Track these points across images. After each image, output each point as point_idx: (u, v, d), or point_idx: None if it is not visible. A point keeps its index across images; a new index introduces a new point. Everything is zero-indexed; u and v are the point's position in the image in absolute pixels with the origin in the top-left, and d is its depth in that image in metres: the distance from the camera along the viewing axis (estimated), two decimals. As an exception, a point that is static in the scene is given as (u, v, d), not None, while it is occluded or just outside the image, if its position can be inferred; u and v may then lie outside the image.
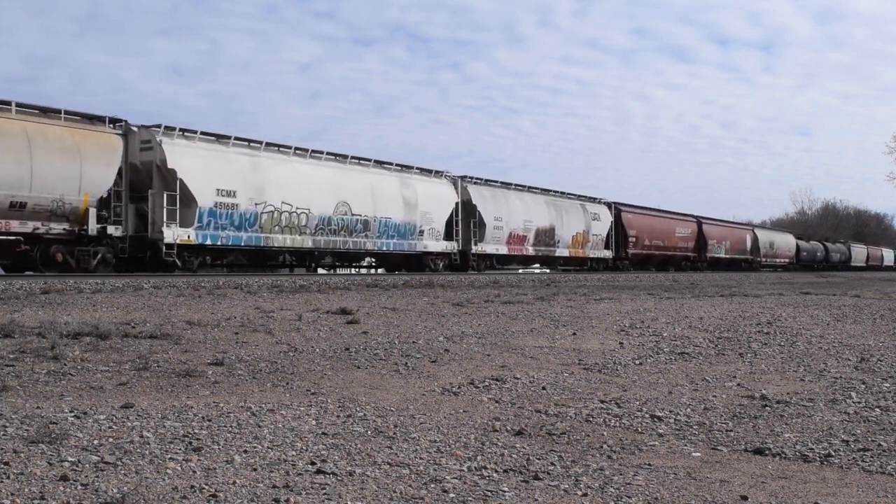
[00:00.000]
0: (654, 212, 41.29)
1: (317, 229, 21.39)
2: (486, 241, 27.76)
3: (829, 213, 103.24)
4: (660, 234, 39.87)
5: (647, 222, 39.04)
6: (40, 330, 6.58)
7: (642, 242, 38.08)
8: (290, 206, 20.62)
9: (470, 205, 27.26)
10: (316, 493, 2.87)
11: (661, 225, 40.52)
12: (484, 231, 27.64)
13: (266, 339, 7.05)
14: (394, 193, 24.06)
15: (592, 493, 3.06)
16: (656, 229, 39.63)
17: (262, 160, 20.28)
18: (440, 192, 26.19)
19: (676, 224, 42.38)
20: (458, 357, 6.51)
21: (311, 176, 21.41)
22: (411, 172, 25.41)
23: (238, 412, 4.14)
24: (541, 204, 31.35)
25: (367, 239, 23.01)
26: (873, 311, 13.07)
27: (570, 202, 33.70)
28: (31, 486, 2.78)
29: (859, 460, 3.68)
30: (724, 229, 49.23)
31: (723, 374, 6.11)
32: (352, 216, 22.38)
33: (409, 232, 24.52)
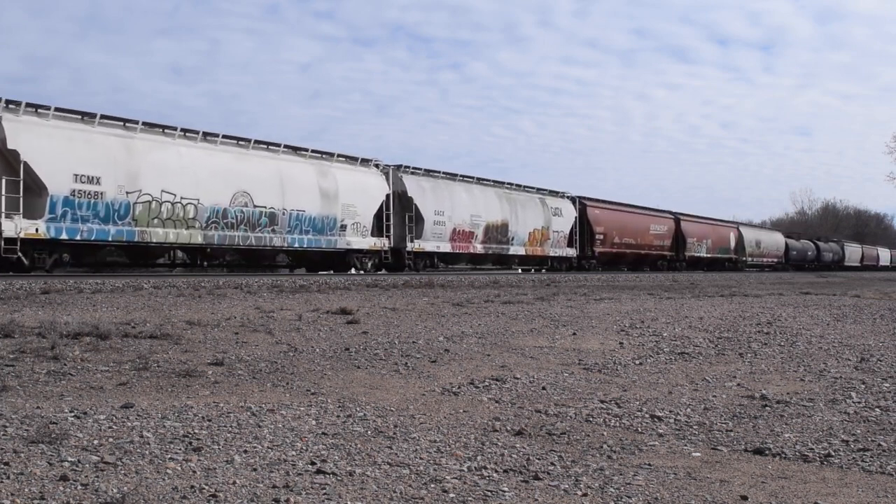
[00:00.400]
0: (626, 207, 38.18)
1: (209, 223, 18.45)
2: (424, 238, 24.73)
3: (829, 213, 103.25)
4: (631, 231, 37.12)
5: (616, 218, 36.23)
6: (40, 330, 6.58)
7: (611, 240, 35.43)
8: (173, 196, 17.72)
9: (405, 197, 24.26)
10: (316, 493, 2.87)
11: (632, 221, 37.63)
12: (422, 226, 24.59)
13: (266, 339, 7.05)
14: (308, 183, 21.11)
15: (592, 493, 3.06)
16: (627, 226, 36.86)
17: (138, 143, 17.39)
18: (367, 183, 23.17)
19: (651, 221, 39.44)
20: (458, 357, 6.51)
21: (202, 162, 18.52)
22: (332, 160, 22.49)
23: (238, 412, 4.14)
24: (491, 197, 28.51)
25: (275, 234, 20.03)
26: (873, 311, 13.07)
27: (526, 196, 30.75)
28: (31, 486, 2.78)
29: (859, 460, 3.68)
30: (705, 226, 46.05)
31: (723, 374, 6.11)
32: (254, 208, 19.42)
33: (329, 227, 21.56)
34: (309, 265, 23.43)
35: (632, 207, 38.65)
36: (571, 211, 33.07)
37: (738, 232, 49.96)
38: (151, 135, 17.84)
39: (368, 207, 23.12)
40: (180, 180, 17.94)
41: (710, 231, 45.93)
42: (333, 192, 21.79)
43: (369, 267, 23.43)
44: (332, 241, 21.82)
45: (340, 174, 22.32)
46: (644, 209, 39.95)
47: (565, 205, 32.92)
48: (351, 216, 22.34)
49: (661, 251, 39.97)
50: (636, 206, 39.36)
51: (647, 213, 39.86)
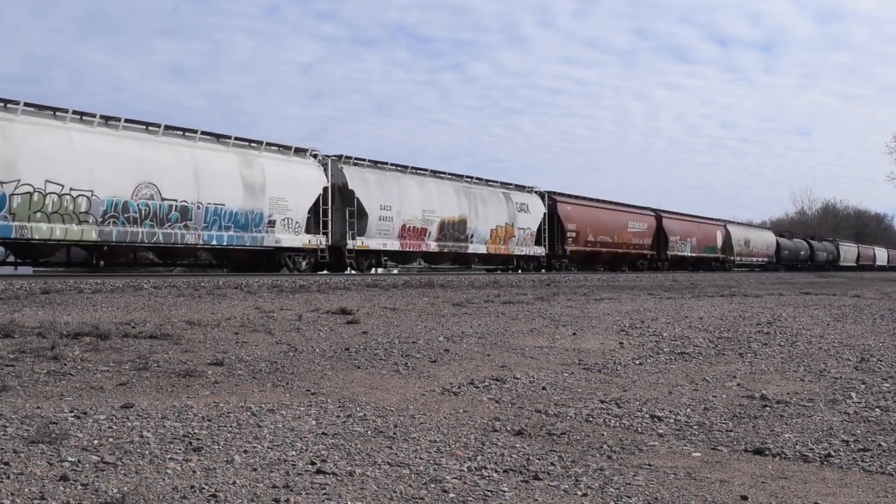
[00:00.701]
0: (601, 203, 35.75)
1: (106, 217, 16.39)
2: (368, 235, 22.65)
3: (829, 213, 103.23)
4: (607, 228, 34.87)
5: (590, 215, 33.88)
6: (40, 330, 6.58)
7: (584, 238, 33.20)
8: (60, 187, 15.68)
9: (346, 191, 22.21)
10: (316, 493, 2.87)
11: (608, 218, 35.22)
12: (366, 223, 22.50)
13: (266, 339, 7.05)
14: (229, 174, 18.98)
15: (592, 493, 3.06)
16: (603, 223, 34.56)
17: (18, 126, 15.39)
18: (300, 175, 21.03)
19: (629, 217, 37.05)
20: (458, 357, 6.51)
21: (99, 149, 16.53)
22: (260, 149, 20.30)
23: (238, 412, 4.14)
24: (448, 192, 26.09)
25: (188, 231, 17.89)
26: (873, 311, 13.07)
27: (488, 190, 28.41)
28: (31, 486, 2.78)
29: (859, 460, 3.68)
30: (690, 224, 43.56)
31: (723, 374, 6.11)
32: (161, 201, 17.34)
33: (254, 222, 19.44)
34: (234, 265, 21.48)
35: (608, 203, 36.31)
36: (540, 207, 30.76)
37: (725, 230, 47.79)
38: (36, 117, 15.92)
39: (302, 201, 20.93)
40: (70, 169, 15.88)
41: (694, 229, 43.68)
42: (260, 185, 19.72)
43: (304, 267, 21.33)
44: (259, 238, 19.63)
45: (269, 164, 20.21)
46: (621, 205, 37.65)
47: (533, 200, 30.62)
48: (281, 211, 20.19)
49: (640, 250, 37.81)
50: (612, 203, 36.92)
51: (625, 210, 37.42)
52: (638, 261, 37.91)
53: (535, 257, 30.47)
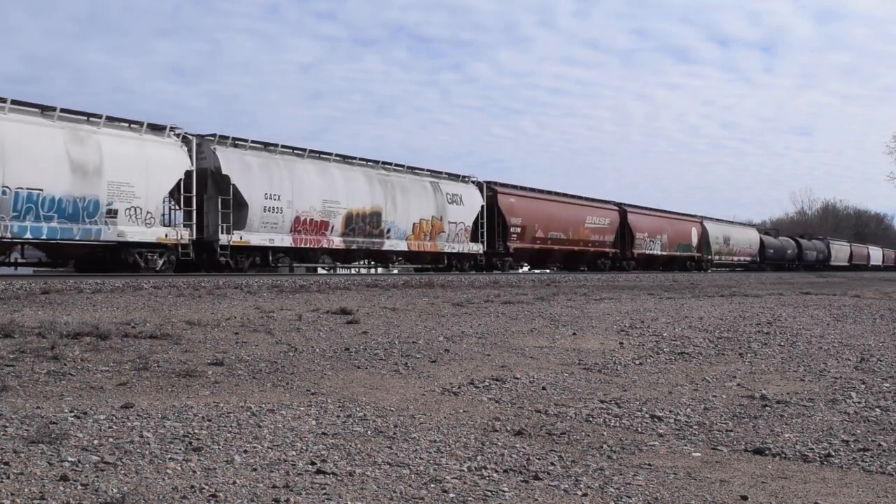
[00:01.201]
0: (552, 195, 32.36)
1: None
2: (250, 229, 19.52)
3: (829, 213, 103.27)
4: (560, 223, 31.54)
5: (539, 209, 30.42)
6: (40, 330, 6.58)
7: (532, 234, 29.87)
8: None
9: (220, 176, 19.00)
10: (316, 493, 2.87)
11: (561, 212, 31.95)
12: (245, 214, 19.32)
13: (266, 339, 7.05)
14: (52, 153, 15.70)
15: (592, 493, 3.06)
16: (554, 218, 31.23)
17: None
18: (153, 156, 17.56)
19: (587, 212, 33.88)
20: (458, 357, 6.51)
21: None
22: (97, 124, 16.90)
23: (238, 412, 4.14)
24: (358, 179, 22.83)
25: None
26: (873, 311, 13.07)
27: (410, 179, 24.94)
28: (31, 486, 2.78)
29: (859, 460, 3.68)
30: (659, 220, 40.09)
31: (723, 374, 6.11)
32: None
33: (87, 212, 16.20)
34: (78, 265, 18.12)
35: (561, 196, 33.00)
36: (477, 198, 27.49)
37: (701, 226, 44.41)
38: None
39: (156, 188, 17.59)
40: None
41: (665, 225, 40.23)
42: (95, 166, 16.32)
43: (161, 266, 17.91)
44: (94, 230, 16.31)
45: (108, 143, 16.80)
46: (578, 198, 34.38)
47: (468, 191, 27.28)
48: (125, 199, 16.82)
49: (601, 248, 34.66)
50: (566, 195, 33.61)
51: (582, 203, 34.21)
52: (599, 260, 34.93)
53: (471, 255, 27.31)
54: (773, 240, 54.64)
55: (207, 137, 19.28)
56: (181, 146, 18.54)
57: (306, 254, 22.17)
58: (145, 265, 17.63)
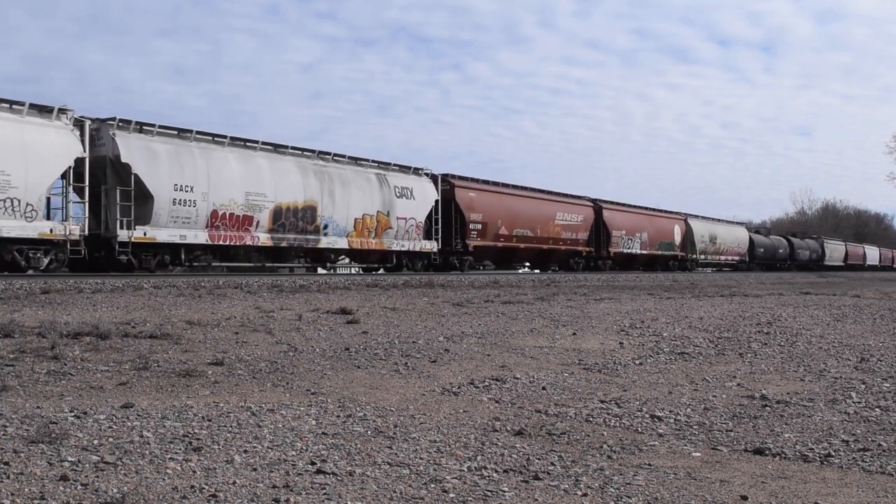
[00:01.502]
0: (518, 190, 30.00)
1: None
2: (156, 224, 17.53)
3: (829, 213, 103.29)
4: (527, 219, 29.21)
5: (502, 204, 28.08)
6: (40, 330, 6.58)
7: (495, 231, 27.55)
8: None
9: (120, 164, 17.03)
10: (316, 493, 2.87)
11: (528, 208, 29.50)
12: (150, 207, 17.37)
13: (266, 338, 7.05)
14: None
15: (592, 493, 3.06)
16: (521, 214, 28.87)
17: None
18: (35, 141, 15.61)
19: (558, 208, 31.40)
20: (458, 357, 6.51)
21: None
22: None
23: (238, 412, 4.14)
24: (290, 170, 20.68)
25: None
26: (873, 311, 13.07)
27: (353, 170, 22.63)
28: (31, 486, 2.78)
29: (859, 460, 3.68)
30: (638, 217, 37.71)
31: (723, 374, 6.11)
32: None
33: None
34: None
35: (528, 191, 30.69)
36: (430, 192, 25.11)
37: (685, 224, 41.77)
38: None
39: (39, 176, 15.72)
40: None
41: (645, 222, 37.87)
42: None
43: (46, 265, 16.13)
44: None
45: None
46: (547, 193, 31.90)
47: (420, 184, 24.94)
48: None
49: (573, 246, 32.35)
50: (535, 190, 31.26)
51: (552, 199, 31.69)
52: (571, 259, 32.56)
53: (423, 254, 24.92)
54: (763, 238, 52.34)
55: (107, 121, 17.33)
56: (72, 130, 16.50)
57: (227, 252, 19.81)
58: (27, 264, 15.86)
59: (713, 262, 44.78)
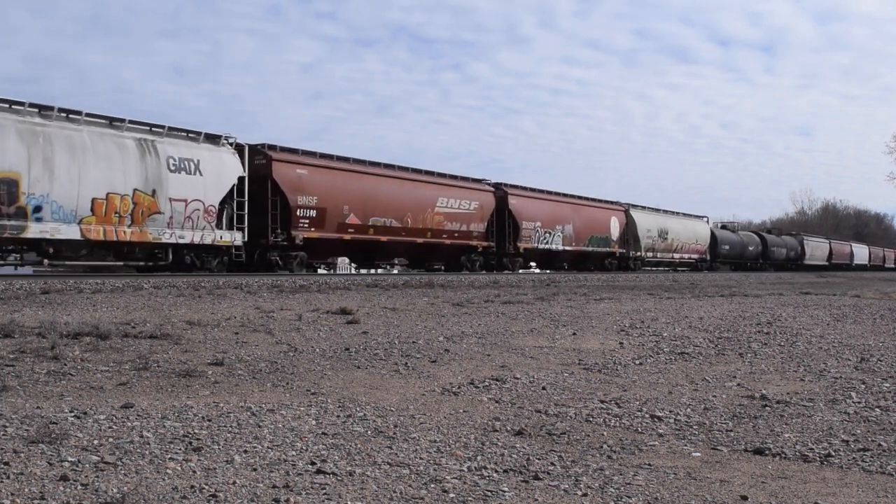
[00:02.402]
0: (377, 169, 23.57)
1: None
2: None
3: (829, 213, 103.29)
4: (390, 206, 23.30)
5: (352, 185, 22.11)
6: (40, 330, 6.58)
7: (338, 219, 21.63)
8: None
9: None
10: (316, 493, 2.87)
11: (393, 192, 23.48)
12: None
13: (266, 339, 7.05)
14: None
15: (592, 493, 3.06)
16: (381, 199, 22.96)
17: None
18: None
19: (440, 192, 25.28)
20: (458, 357, 6.51)
21: None
22: None
23: (238, 412, 4.14)
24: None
25: None
26: (873, 311, 13.07)
27: (92, 133, 16.45)
28: (31, 486, 2.78)
29: (859, 460, 3.68)
30: (559, 206, 31.53)
31: (723, 374, 6.11)
32: None
33: None
34: None
35: (392, 170, 24.26)
36: (231, 167, 19.00)
37: (625, 216, 35.83)
38: None
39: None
40: None
41: (569, 213, 31.92)
42: None
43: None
44: None
45: None
46: (424, 174, 25.68)
47: (215, 156, 18.68)
48: None
49: (464, 240, 26.30)
50: (403, 169, 24.83)
51: (430, 181, 25.54)
52: (463, 255, 26.85)
53: (218, 248, 18.94)
54: (729, 234, 47.02)
55: None
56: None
57: None
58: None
59: (664, 260, 39.35)
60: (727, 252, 45.68)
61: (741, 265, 47.82)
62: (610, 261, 34.78)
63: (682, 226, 41.27)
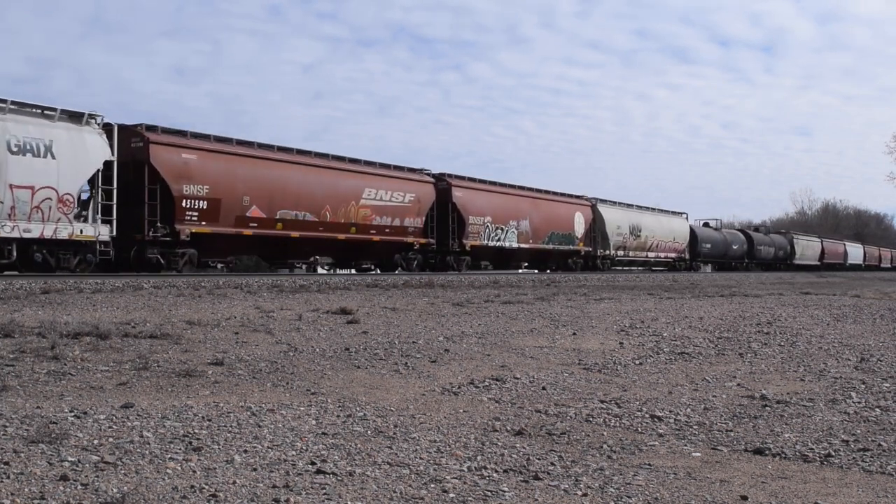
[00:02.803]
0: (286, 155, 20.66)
1: None
2: None
3: (829, 213, 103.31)
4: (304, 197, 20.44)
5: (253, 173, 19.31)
6: (40, 330, 6.58)
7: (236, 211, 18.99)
8: None
9: None
10: (316, 493, 2.87)
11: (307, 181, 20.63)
12: None
13: (266, 338, 7.05)
14: None
15: (592, 493, 3.06)
16: (290, 189, 20.05)
17: None
18: None
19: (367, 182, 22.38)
20: (458, 357, 6.51)
21: None
22: None
23: (238, 412, 4.14)
24: None
25: None
26: (873, 311, 13.07)
27: None
28: (31, 485, 2.78)
29: (859, 460, 3.68)
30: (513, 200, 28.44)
31: (723, 374, 6.11)
32: None
33: None
34: None
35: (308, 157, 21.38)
36: (96, 150, 16.25)
37: (591, 211, 32.99)
38: None
39: None
40: None
41: (525, 207, 28.83)
42: None
43: None
44: None
45: None
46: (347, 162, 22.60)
47: (74, 137, 15.97)
48: None
49: (398, 236, 23.50)
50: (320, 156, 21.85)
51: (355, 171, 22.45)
52: (398, 254, 23.99)
53: (77, 244, 16.10)
54: (711, 233, 44.33)
55: None
56: None
57: None
58: None
59: (638, 259, 36.83)
60: (708, 251, 43.16)
61: (725, 265, 45.55)
62: (574, 260, 32.20)
63: (658, 222, 38.41)
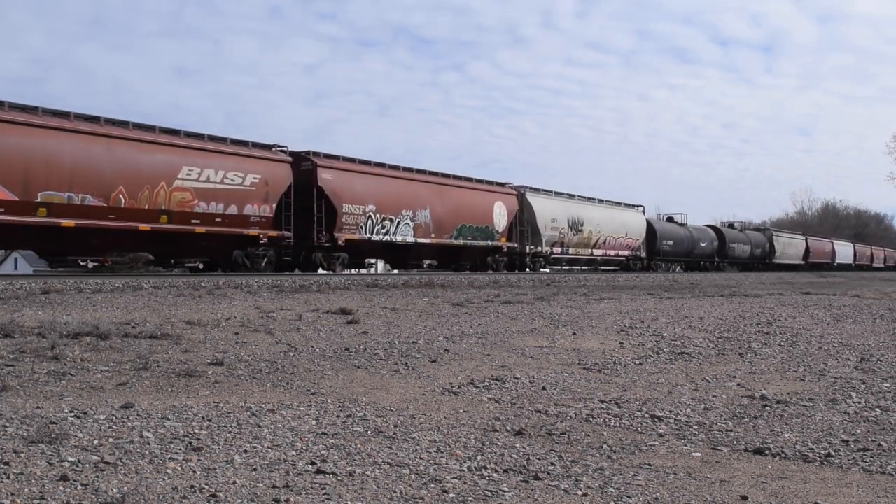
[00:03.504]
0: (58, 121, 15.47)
1: None
2: None
3: (829, 213, 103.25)
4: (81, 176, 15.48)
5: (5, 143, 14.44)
6: (40, 330, 6.58)
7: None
8: None
9: None
10: (316, 493, 2.87)
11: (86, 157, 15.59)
12: None
13: (266, 338, 7.05)
14: None
15: (592, 493, 3.06)
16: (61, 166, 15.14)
17: None
18: None
19: (186, 159, 17.38)
20: (458, 357, 6.51)
21: None
22: None
23: (238, 412, 4.13)
24: None
25: None
26: (873, 311, 13.06)
27: None
28: (31, 486, 2.77)
29: (859, 460, 3.68)
30: (411, 186, 23.51)
31: (723, 374, 6.11)
32: None
33: None
34: None
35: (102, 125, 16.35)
36: None
37: (517, 201, 27.77)
38: None
39: None
40: None
41: (426, 196, 23.84)
42: None
43: None
44: None
45: None
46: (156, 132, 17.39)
47: None
48: None
49: (236, 227, 18.54)
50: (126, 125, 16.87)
51: (168, 144, 17.36)
52: (238, 249, 19.13)
53: None
54: (673, 228, 39.31)
55: None
56: None
57: None
58: None
59: (581, 257, 31.79)
60: (670, 248, 37.95)
61: (693, 264, 40.84)
62: (495, 258, 27.24)
63: (607, 216, 33.10)
